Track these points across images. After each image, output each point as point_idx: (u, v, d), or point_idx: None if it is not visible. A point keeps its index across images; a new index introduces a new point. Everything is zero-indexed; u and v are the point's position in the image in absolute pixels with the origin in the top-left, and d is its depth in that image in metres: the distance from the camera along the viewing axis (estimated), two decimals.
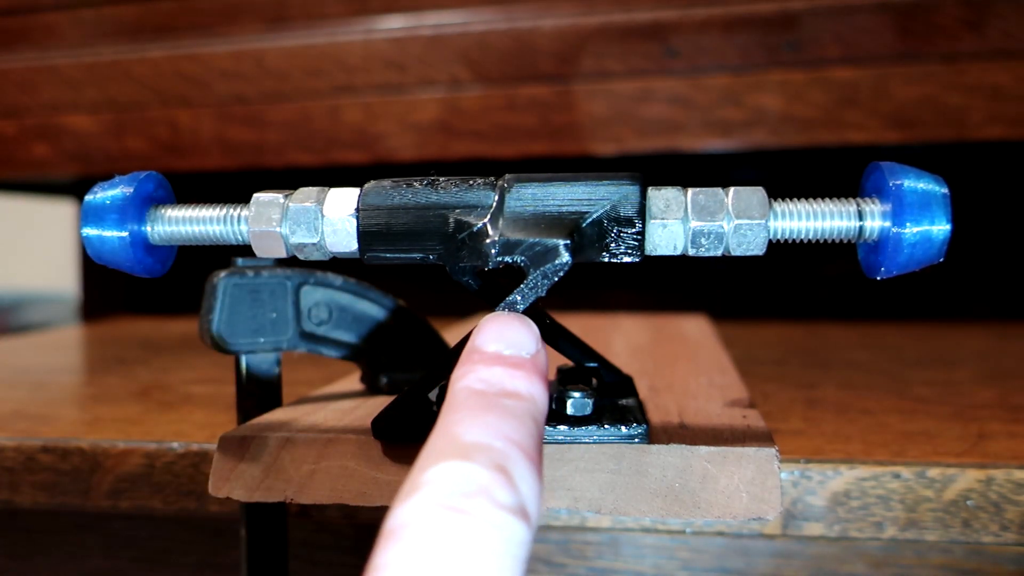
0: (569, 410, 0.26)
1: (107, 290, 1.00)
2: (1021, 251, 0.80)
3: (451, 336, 0.36)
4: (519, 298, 0.23)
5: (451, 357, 0.24)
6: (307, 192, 0.26)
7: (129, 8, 0.67)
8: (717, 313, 0.72)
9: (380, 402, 0.29)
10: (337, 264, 0.28)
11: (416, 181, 0.25)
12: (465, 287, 0.27)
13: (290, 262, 0.29)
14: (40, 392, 0.50)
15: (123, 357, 0.63)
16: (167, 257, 0.28)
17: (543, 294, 0.24)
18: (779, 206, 0.24)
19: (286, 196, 0.26)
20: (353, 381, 0.37)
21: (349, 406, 0.32)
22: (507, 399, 0.19)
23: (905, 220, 0.23)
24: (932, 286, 0.81)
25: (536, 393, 0.20)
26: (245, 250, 0.26)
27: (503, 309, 0.23)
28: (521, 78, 0.60)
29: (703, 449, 0.25)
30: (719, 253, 0.24)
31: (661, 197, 0.24)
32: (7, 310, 1.51)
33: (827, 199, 0.24)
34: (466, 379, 0.20)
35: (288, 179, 0.65)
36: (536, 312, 0.28)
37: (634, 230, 0.24)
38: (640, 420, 0.26)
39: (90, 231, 0.26)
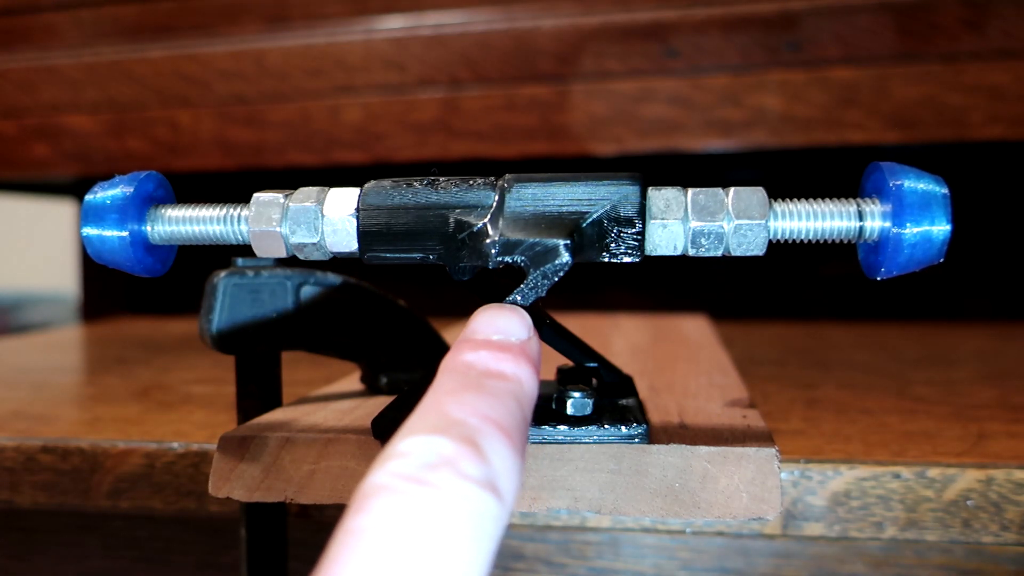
0: (569, 410, 0.26)
1: (107, 290, 1.00)
2: (1021, 251, 0.80)
3: (451, 336, 0.36)
4: (519, 298, 0.23)
5: None
6: (307, 192, 0.26)
7: (129, 8, 0.67)
8: (717, 313, 0.72)
9: (380, 402, 0.29)
10: (337, 264, 0.28)
11: (416, 181, 0.25)
12: (465, 287, 0.27)
13: (290, 262, 0.29)
14: (40, 392, 0.50)
15: (123, 357, 0.63)
16: (167, 257, 0.28)
17: (543, 294, 0.24)
18: (779, 206, 0.24)
19: (286, 196, 0.26)
20: (353, 381, 0.37)
21: (349, 406, 0.32)
22: (489, 379, 0.19)
23: (905, 220, 0.23)
24: (932, 286, 0.81)
25: (522, 375, 0.20)
26: (245, 250, 0.26)
27: None
28: (521, 78, 0.60)
29: (703, 449, 0.25)
30: (719, 253, 0.24)
31: (661, 197, 0.24)
32: (7, 310, 1.51)
33: (827, 199, 0.24)
34: (452, 362, 0.20)
35: (288, 179, 0.65)
36: (536, 312, 0.28)
37: (634, 230, 0.24)
38: (640, 420, 0.26)
39: (90, 231, 0.26)
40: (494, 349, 0.20)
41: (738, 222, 0.24)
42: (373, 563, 0.14)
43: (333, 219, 0.25)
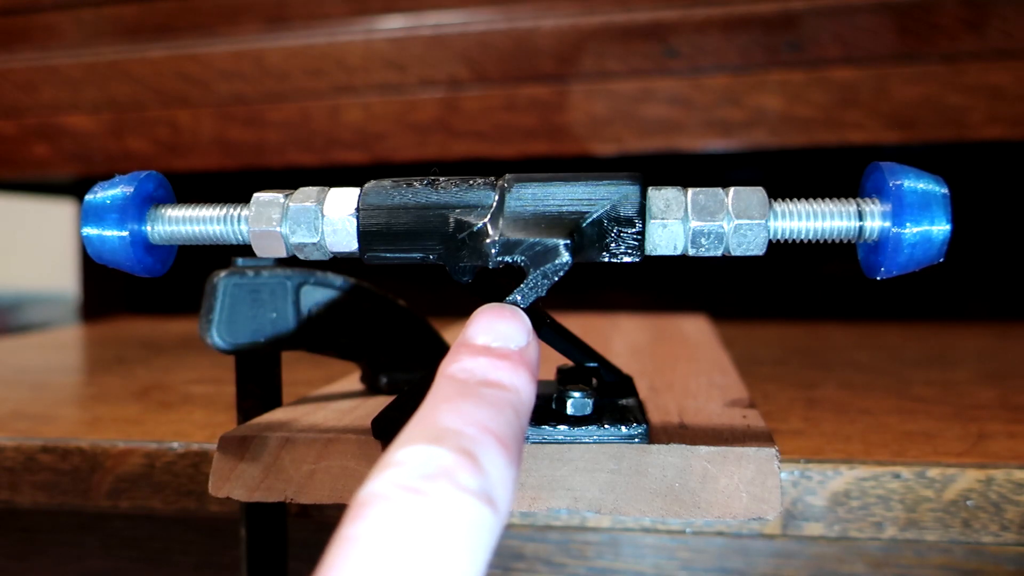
0: (569, 410, 0.26)
1: (107, 290, 1.00)
2: (1021, 251, 0.80)
3: (451, 336, 0.36)
4: (519, 298, 0.23)
5: None
6: (307, 192, 0.26)
7: (129, 8, 0.67)
8: (717, 313, 0.72)
9: (380, 402, 0.29)
10: (337, 264, 0.28)
11: (416, 181, 0.25)
12: (465, 287, 0.27)
13: (290, 262, 0.29)
14: (40, 392, 0.50)
15: (123, 357, 0.63)
16: (167, 257, 0.28)
17: (543, 294, 0.24)
18: (779, 206, 0.24)
19: (286, 196, 0.26)
20: (353, 381, 0.37)
21: (349, 406, 0.32)
22: (487, 388, 0.19)
23: (905, 220, 0.23)
24: (932, 286, 0.81)
25: (520, 384, 0.20)
26: (245, 250, 0.26)
27: None
28: (521, 78, 0.60)
29: (703, 449, 0.25)
30: (719, 253, 0.24)
31: (661, 197, 0.24)
32: (7, 310, 1.51)
33: (827, 199, 0.24)
34: (450, 368, 0.20)
35: (288, 179, 0.65)
36: (536, 312, 0.28)
37: (634, 230, 0.24)
38: (640, 420, 0.26)
39: (90, 231, 0.26)
40: (493, 356, 0.20)
41: (738, 222, 0.24)
42: (368, 571, 0.14)
43: (333, 219, 0.25)
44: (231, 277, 0.31)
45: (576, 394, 0.26)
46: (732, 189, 0.24)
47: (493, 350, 0.20)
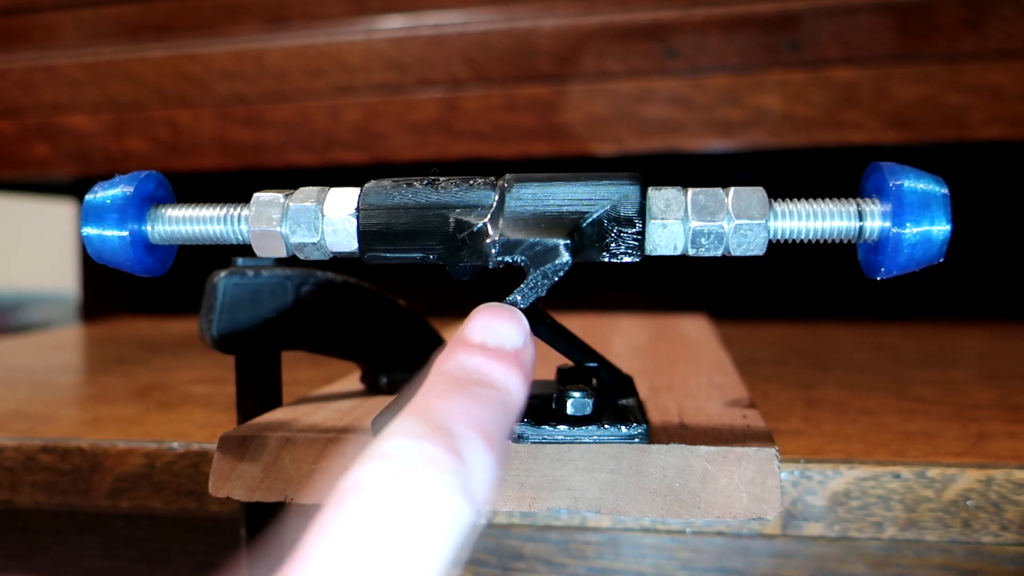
0: (569, 410, 0.26)
1: (107, 290, 1.00)
2: (1021, 251, 0.80)
3: (451, 336, 0.36)
4: (519, 298, 0.23)
5: None
6: (307, 192, 0.26)
7: (129, 8, 0.67)
8: (717, 313, 0.72)
9: (380, 402, 0.29)
10: (337, 264, 0.28)
11: (416, 181, 0.25)
12: (465, 287, 0.27)
13: (290, 262, 0.29)
14: (40, 392, 0.50)
15: (123, 357, 0.63)
16: (167, 257, 0.28)
17: (543, 294, 0.24)
18: (779, 206, 0.24)
19: (286, 196, 0.26)
20: (353, 381, 0.37)
21: (349, 406, 0.32)
22: (479, 387, 0.19)
23: (905, 220, 0.23)
24: (932, 286, 0.81)
25: (512, 385, 0.20)
26: (245, 250, 0.26)
27: None
28: (521, 78, 0.60)
29: (703, 449, 0.25)
30: (719, 253, 0.24)
31: (661, 197, 0.24)
32: (7, 310, 1.51)
33: (827, 199, 0.24)
34: (445, 364, 0.20)
35: (288, 179, 0.65)
36: (536, 312, 0.28)
37: (634, 230, 0.24)
38: (640, 420, 0.26)
39: (90, 230, 0.26)
40: (488, 356, 0.20)
41: (738, 222, 0.24)
42: (342, 557, 0.15)
43: (333, 219, 0.25)
44: (231, 277, 0.31)
45: (576, 394, 0.26)
46: (732, 189, 0.24)
47: (489, 349, 0.20)
